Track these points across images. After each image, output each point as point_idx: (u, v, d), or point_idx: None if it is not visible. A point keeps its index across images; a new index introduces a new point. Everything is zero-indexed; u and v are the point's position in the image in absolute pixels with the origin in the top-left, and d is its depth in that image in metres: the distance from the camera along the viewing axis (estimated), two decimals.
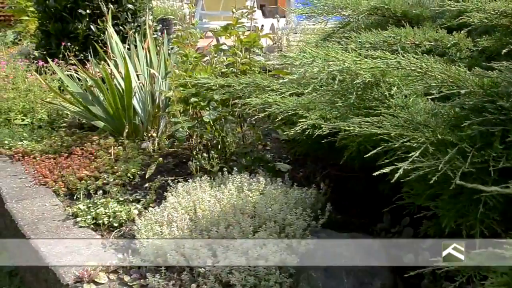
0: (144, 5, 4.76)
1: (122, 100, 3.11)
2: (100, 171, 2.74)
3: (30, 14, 6.86)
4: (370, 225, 2.11)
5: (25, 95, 3.84)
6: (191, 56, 2.50)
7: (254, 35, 2.71)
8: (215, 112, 2.39)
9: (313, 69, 1.28)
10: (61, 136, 3.40)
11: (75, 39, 4.47)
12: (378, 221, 2.12)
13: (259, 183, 1.97)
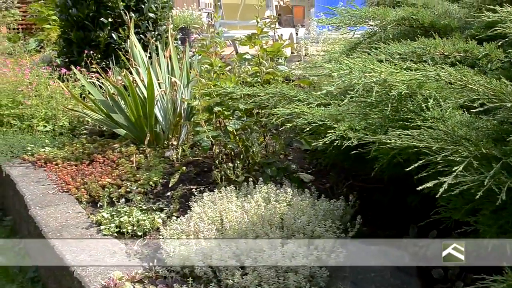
0: (165, 14, 4.79)
1: (144, 108, 3.12)
2: (122, 179, 2.74)
3: (51, 22, 6.97)
4: (396, 237, 2.07)
5: (47, 102, 3.88)
6: (216, 65, 2.50)
7: (278, 45, 2.70)
8: (240, 121, 2.38)
9: (351, 81, 1.26)
10: (82, 143, 3.42)
11: (96, 47, 4.51)
12: (404, 234, 2.08)
13: (286, 194, 1.95)
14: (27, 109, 3.80)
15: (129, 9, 4.54)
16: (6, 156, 3.34)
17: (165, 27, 4.76)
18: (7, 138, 3.55)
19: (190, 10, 6.94)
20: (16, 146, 3.44)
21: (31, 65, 4.26)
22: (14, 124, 3.77)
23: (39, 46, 6.83)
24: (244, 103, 2.39)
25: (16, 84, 3.83)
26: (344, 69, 1.31)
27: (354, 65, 1.32)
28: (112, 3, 4.46)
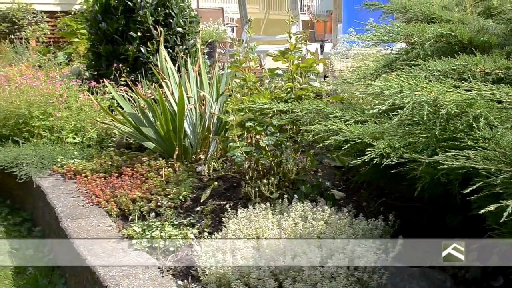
0: (193, 29, 4.83)
1: (174, 122, 3.12)
2: (152, 193, 2.73)
3: (79, 36, 7.10)
4: (435, 258, 2.01)
5: (76, 114, 3.92)
6: (250, 81, 2.49)
7: (311, 61, 2.68)
8: (273, 137, 2.35)
9: (403, 99, 1.23)
10: (110, 155, 3.43)
11: (125, 61, 4.56)
12: None
13: (323, 212, 1.91)
14: (57, 121, 3.85)
15: (158, 23, 4.60)
16: (37, 167, 3.37)
17: (193, 42, 4.80)
18: (37, 149, 3.60)
19: (216, 25, 6.99)
20: (46, 158, 3.48)
21: (61, 77, 4.32)
22: (45, 135, 3.82)
23: (67, 59, 6.96)
24: (278, 119, 2.38)
25: (47, 96, 3.89)
26: (395, 88, 1.28)
27: (405, 83, 1.28)
28: (141, 18, 4.52)
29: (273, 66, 3.00)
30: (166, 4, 4.65)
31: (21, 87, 3.98)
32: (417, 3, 2.97)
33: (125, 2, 4.57)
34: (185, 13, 4.80)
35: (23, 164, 3.39)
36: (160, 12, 4.61)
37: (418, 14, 2.86)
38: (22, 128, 3.87)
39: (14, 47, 8.72)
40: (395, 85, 1.31)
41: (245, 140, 2.61)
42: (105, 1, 4.70)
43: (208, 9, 9.32)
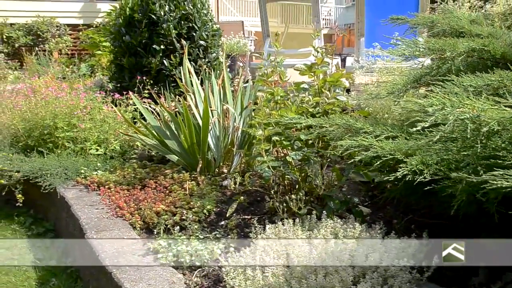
0: (215, 42, 4.86)
1: (197, 136, 3.12)
2: (176, 206, 2.71)
3: (102, 48, 7.21)
4: (465, 277, 1.95)
5: (100, 125, 3.94)
6: (278, 95, 2.48)
7: (338, 75, 2.66)
8: (300, 152, 2.33)
9: (446, 117, 1.19)
10: (133, 168, 3.44)
11: (147, 73, 4.60)
12: (473, 275, 1.96)
13: (354, 229, 1.87)
14: (81, 132, 3.88)
15: (181, 36, 4.64)
16: (61, 178, 3.39)
17: (215, 55, 4.83)
18: (61, 160, 3.62)
19: (237, 38, 7.04)
20: (70, 169, 3.50)
21: (85, 89, 4.37)
22: (68, 146, 3.85)
23: (90, 71, 7.06)
24: (305, 134, 2.36)
25: (72, 107, 3.93)
26: (436, 104, 1.25)
27: (446, 100, 1.25)
28: (164, 31, 4.56)
29: (295, 79, 2.99)
30: (189, 18, 4.69)
31: (46, 98, 4.02)
32: (444, 17, 2.94)
33: (149, 16, 4.63)
34: (208, 27, 4.83)
35: (47, 175, 3.41)
36: (183, 25, 4.65)
37: (446, 28, 2.82)
38: (47, 139, 3.90)
39: (38, 59, 8.89)
40: (437, 102, 1.28)
41: (271, 154, 2.59)
42: (129, 14, 4.77)
43: (228, 22, 9.40)
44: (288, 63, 5.16)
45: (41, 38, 10.88)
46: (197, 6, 4.77)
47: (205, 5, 4.91)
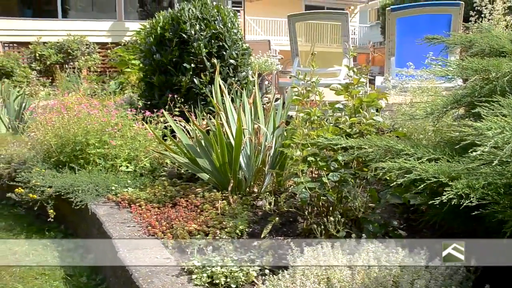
0: (245, 61, 4.89)
1: (229, 154, 3.10)
2: (208, 226, 2.69)
3: (131, 66, 7.34)
4: None
5: (131, 142, 3.97)
6: (315, 115, 2.45)
7: (375, 95, 2.62)
8: (337, 173, 2.28)
9: (506, 140, 1.14)
10: (164, 185, 3.44)
11: (177, 91, 4.63)
12: None
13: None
14: (112, 149, 3.90)
15: (211, 55, 4.67)
16: (92, 195, 3.41)
17: (245, 74, 4.84)
18: (92, 177, 3.65)
19: (265, 57, 7.08)
20: (101, 185, 3.52)
21: (116, 106, 4.42)
22: (99, 163, 3.88)
23: (119, 88, 7.17)
24: (342, 154, 2.32)
25: (103, 124, 3.97)
26: (495, 128, 1.21)
27: (505, 123, 1.20)
28: (195, 50, 4.60)
29: (325, 98, 2.96)
30: (219, 37, 4.73)
31: (79, 115, 4.08)
32: (483, 36, 2.88)
33: (180, 35, 4.68)
34: (238, 46, 4.86)
35: (79, 191, 3.43)
36: (213, 44, 4.69)
37: (485, 48, 2.76)
38: (78, 155, 3.94)
39: (68, 76, 9.11)
40: (495, 125, 1.23)
41: (307, 175, 2.56)
42: (160, 33, 4.83)
43: (256, 41, 9.48)
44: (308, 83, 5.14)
45: (71, 56, 11.17)
46: (227, 26, 4.81)
47: (235, 24, 4.94)
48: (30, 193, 3.68)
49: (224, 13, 4.87)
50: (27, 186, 3.76)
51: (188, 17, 4.71)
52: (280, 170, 3.19)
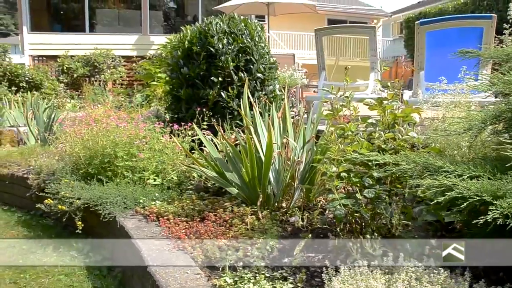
0: (272, 75, 4.88)
1: (259, 169, 3.08)
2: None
3: (156, 79, 7.43)
4: None
5: (159, 155, 3.98)
6: (349, 130, 2.41)
7: (409, 110, 2.57)
8: (373, 190, 2.23)
9: None
10: (192, 199, 3.43)
11: (204, 105, 4.64)
12: None
13: (439, 274, 1.74)
14: (140, 161, 3.92)
15: (238, 69, 4.68)
16: (120, 207, 3.41)
17: (272, 87, 4.83)
18: (120, 189, 3.66)
19: (290, 71, 7.08)
20: (129, 198, 3.52)
21: (144, 119, 4.45)
22: (127, 175, 3.89)
23: (145, 101, 7.25)
24: (377, 171, 2.27)
25: (132, 137, 3.99)
26: None
27: None
28: (222, 63, 4.61)
29: None
30: (247, 51, 4.74)
31: (108, 127, 4.11)
32: None
33: (207, 48, 4.70)
34: (265, 59, 4.86)
35: (107, 203, 3.44)
36: (241, 58, 4.69)
37: None
38: (107, 167, 3.96)
39: (93, 88, 9.26)
40: None
41: (338, 190, 2.51)
42: (187, 47, 4.87)
43: (280, 55, 9.51)
44: None
45: (97, 69, 11.38)
46: (255, 39, 4.82)
47: (262, 38, 4.95)
48: (59, 204, 3.71)
49: (251, 27, 4.88)
50: (56, 197, 3.79)
51: (215, 31, 4.74)
52: (309, 185, 3.15)
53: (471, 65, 3.15)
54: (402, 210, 2.41)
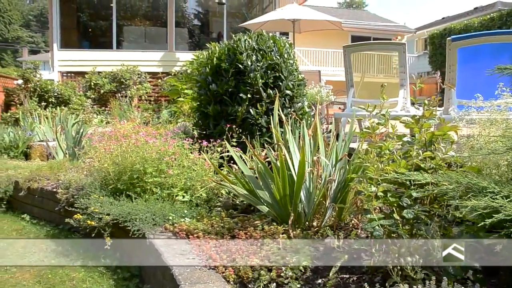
0: (300, 91, 4.85)
1: (290, 187, 3.03)
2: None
3: (183, 95, 7.49)
4: None
5: (188, 172, 3.97)
6: (387, 149, 2.35)
7: (447, 128, 2.50)
8: (411, 210, 2.16)
9: None
10: (221, 217, 3.39)
11: (232, 121, 4.63)
12: None
13: None
14: (169, 178, 3.91)
15: (267, 86, 4.66)
16: (149, 224, 3.40)
17: (301, 104, 4.80)
18: (149, 206, 3.65)
19: (317, 87, 7.06)
20: (158, 214, 3.51)
21: (173, 135, 4.46)
22: (156, 192, 3.88)
23: (171, 117, 7.31)
24: (416, 191, 2.20)
25: (161, 153, 4.00)
26: None
27: None
28: (251, 80, 4.61)
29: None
30: (276, 68, 4.73)
31: (137, 143, 4.13)
32: None
33: (236, 65, 4.71)
34: (294, 76, 4.84)
35: (136, 220, 3.43)
36: (270, 74, 4.68)
37: None
38: (136, 183, 3.97)
39: (119, 104, 9.38)
40: None
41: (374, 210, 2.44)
42: (216, 64, 4.89)
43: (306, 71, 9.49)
44: (366, 114, 5.03)
45: (123, 85, 11.56)
46: (284, 56, 4.81)
47: (291, 55, 4.94)
48: (88, 220, 3.72)
49: (280, 44, 4.88)
50: (85, 213, 3.81)
51: (244, 48, 4.75)
52: (342, 204, 3.09)
53: (506, 82, 3.08)
54: (442, 231, 2.33)
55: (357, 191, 2.75)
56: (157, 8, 17.41)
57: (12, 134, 7.02)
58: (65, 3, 14.57)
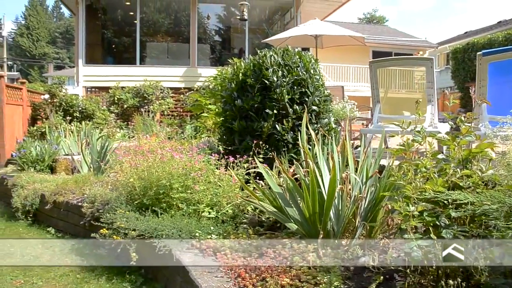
0: (327, 107, 4.80)
1: (320, 204, 2.97)
2: (301, 280, 2.54)
3: (206, 111, 7.51)
4: None
5: (214, 188, 3.94)
6: (423, 166, 2.29)
7: (485, 145, 2.42)
8: (450, 230, 2.08)
9: None
10: (248, 234, 3.35)
11: (258, 137, 4.59)
12: None
13: None
14: (195, 194, 3.89)
15: (293, 101, 4.63)
16: (175, 240, 3.37)
17: (327, 120, 4.75)
18: (175, 221, 3.62)
19: (342, 103, 7.01)
20: (184, 231, 3.48)
21: (199, 151, 4.44)
22: (182, 208, 3.86)
23: (195, 132, 7.33)
24: (454, 210, 2.13)
25: (187, 169, 3.98)
26: None
27: None
28: (277, 96, 4.58)
29: None
30: (302, 83, 4.70)
31: (163, 158, 4.13)
32: None
33: (262, 81, 4.69)
34: (320, 92, 4.80)
35: (162, 236, 3.41)
36: (296, 90, 4.65)
37: None
38: (161, 198, 3.96)
39: (143, 119, 9.46)
40: None
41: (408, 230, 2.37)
42: (241, 79, 4.88)
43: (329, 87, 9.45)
44: (394, 130, 4.95)
45: (146, 100, 11.67)
46: (310, 72, 4.78)
47: (316, 70, 4.91)
48: (113, 234, 3.71)
49: (306, 60, 4.85)
50: (110, 227, 3.80)
51: (270, 63, 4.74)
52: (372, 222, 3.01)
53: None
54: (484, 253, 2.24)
55: (388, 210, 2.68)
56: (179, 25, 17.65)
57: (39, 147, 7.11)
58: (91, 20, 14.90)
